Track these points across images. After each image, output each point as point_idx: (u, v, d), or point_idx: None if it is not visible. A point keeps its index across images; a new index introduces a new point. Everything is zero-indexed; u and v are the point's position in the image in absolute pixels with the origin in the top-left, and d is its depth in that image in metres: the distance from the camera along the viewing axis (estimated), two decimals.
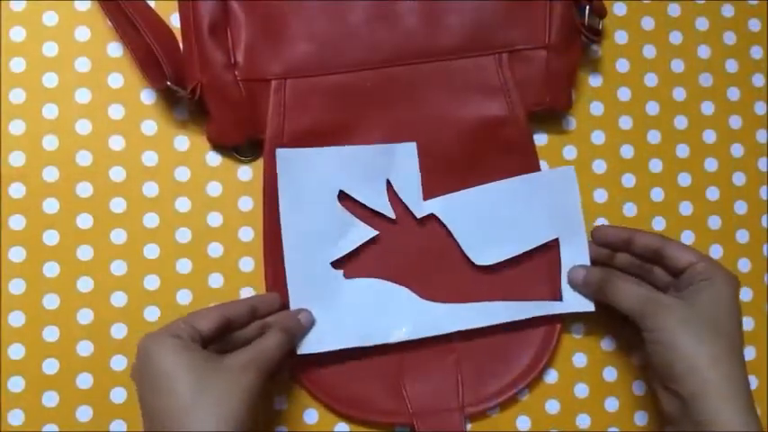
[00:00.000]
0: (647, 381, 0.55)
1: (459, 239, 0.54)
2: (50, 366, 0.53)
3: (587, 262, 0.54)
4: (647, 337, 0.49)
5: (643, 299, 0.49)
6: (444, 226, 0.54)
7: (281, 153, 0.53)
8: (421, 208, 0.54)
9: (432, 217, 0.54)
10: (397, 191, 0.54)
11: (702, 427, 0.46)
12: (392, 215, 0.54)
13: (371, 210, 0.54)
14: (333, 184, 0.53)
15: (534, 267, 0.55)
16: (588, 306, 0.54)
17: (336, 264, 0.53)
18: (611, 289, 0.51)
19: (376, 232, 0.54)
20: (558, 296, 0.54)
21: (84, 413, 0.53)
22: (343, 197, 0.54)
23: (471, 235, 0.54)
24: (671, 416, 0.48)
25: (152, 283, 0.54)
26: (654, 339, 0.48)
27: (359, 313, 0.53)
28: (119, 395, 0.53)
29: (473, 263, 0.54)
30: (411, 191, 0.54)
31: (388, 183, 0.54)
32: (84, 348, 0.53)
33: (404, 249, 0.54)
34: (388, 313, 0.53)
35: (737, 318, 0.49)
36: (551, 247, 0.55)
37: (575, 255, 0.54)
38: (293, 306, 0.52)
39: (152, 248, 0.54)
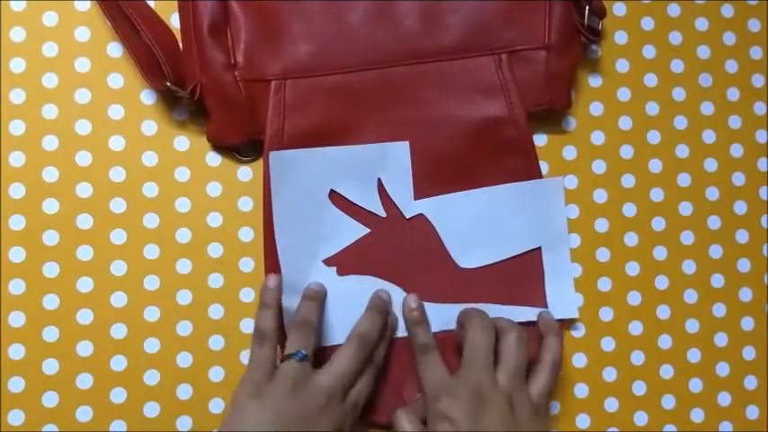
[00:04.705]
0: None
1: (446, 240, 0.55)
2: (50, 366, 0.53)
3: (569, 270, 0.55)
4: None
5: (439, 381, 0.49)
6: (433, 226, 0.55)
7: (274, 155, 0.53)
8: (411, 207, 0.55)
9: (422, 217, 0.55)
10: (389, 189, 0.54)
11: None
12: (383, 213, 0.54)
13: (363, 208, 0.54)
14: (325, 183, 0.54)
15: (521, 273, 0.55)
16: (572, 313, 0.55)
17: (329, 261, 0.54)
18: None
19: (367, 230, 0.54)
20: (542, 302, 0.55)
21: (84, 413, 0.53)
22: (335, 196, 0.54)
23: (458, 237, 0.55)
24: None
25: (152, 283, 0.54)
26: None
27: (349, 310, 0.53)
28: (119, 395, 0.53)
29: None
30: (402, 189, 0.54)
31: (380, 181, 0.54)
32: (84, 348, 0.53)
33: (394, 248, 0.54)
34: None
35: None
36: (536, 254, 0.55)
37: (557, 263, 0.55)
38: (285, 304, 0.53)
39: (152, 249, 0.54)
